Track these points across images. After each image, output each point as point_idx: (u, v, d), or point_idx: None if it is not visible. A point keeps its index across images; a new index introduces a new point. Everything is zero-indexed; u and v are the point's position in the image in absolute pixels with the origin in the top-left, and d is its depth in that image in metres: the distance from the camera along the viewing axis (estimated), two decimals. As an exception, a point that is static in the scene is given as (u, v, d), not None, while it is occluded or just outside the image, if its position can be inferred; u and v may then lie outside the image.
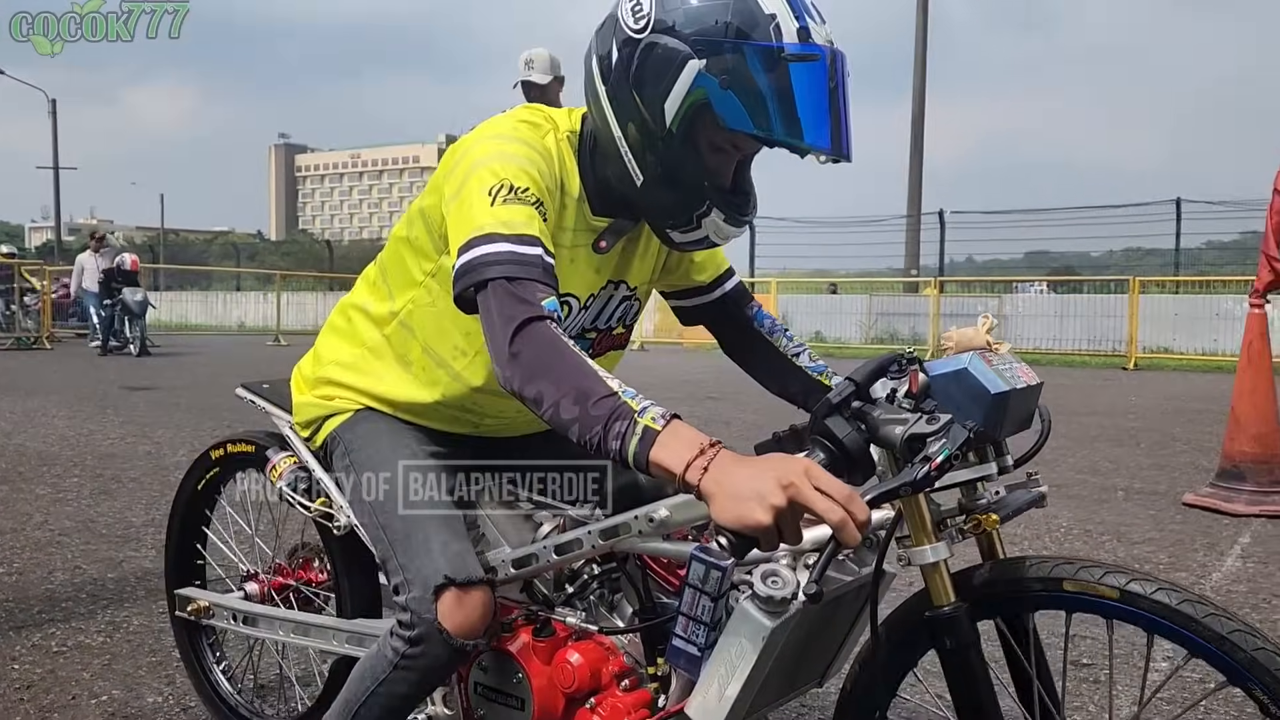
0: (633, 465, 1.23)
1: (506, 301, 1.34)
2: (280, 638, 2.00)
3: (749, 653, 1.24)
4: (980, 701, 1.24)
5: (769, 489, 1.11)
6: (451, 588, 1.47)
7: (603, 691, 1.50)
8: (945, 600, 1.26)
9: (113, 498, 4.74)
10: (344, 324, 1.78)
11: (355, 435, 1.71)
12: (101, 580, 3.44)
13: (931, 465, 1.15)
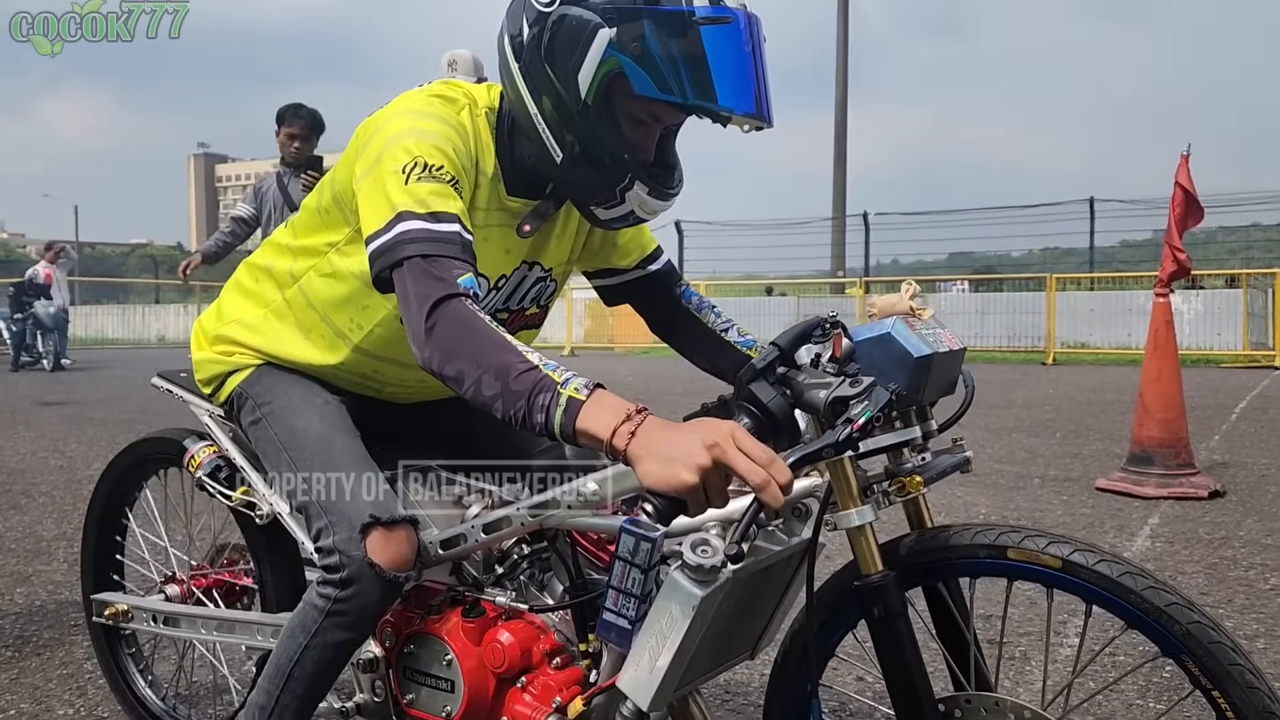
0: (559, 436, 1.23)
1: (422, 280, 1.32)
2: (203, 636, 1.93)
3: (679, 623, 1.23)
4: (909, 670, 1.24)
5: (694, 451, 1.11)
6: (378, 526, 1.46)
7: (534, 670, 1.48)
8: (873, 567, 1.26)
9: (22, 512, 4.57)
10: (250, 283, 1.74)
11: (262, 388, 1.68)
12: (9, 595, 3.31)
13: (854, 426, 1.16)
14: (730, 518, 1.30)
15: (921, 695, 1.23)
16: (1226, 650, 1.16)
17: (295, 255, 1.66)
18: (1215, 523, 4.18)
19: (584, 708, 1.40)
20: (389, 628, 1.59)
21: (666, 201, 1.54)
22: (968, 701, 1.28)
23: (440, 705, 1.51)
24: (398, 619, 1.59)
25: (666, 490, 1.12)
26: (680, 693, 1.38)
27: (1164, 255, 5.02)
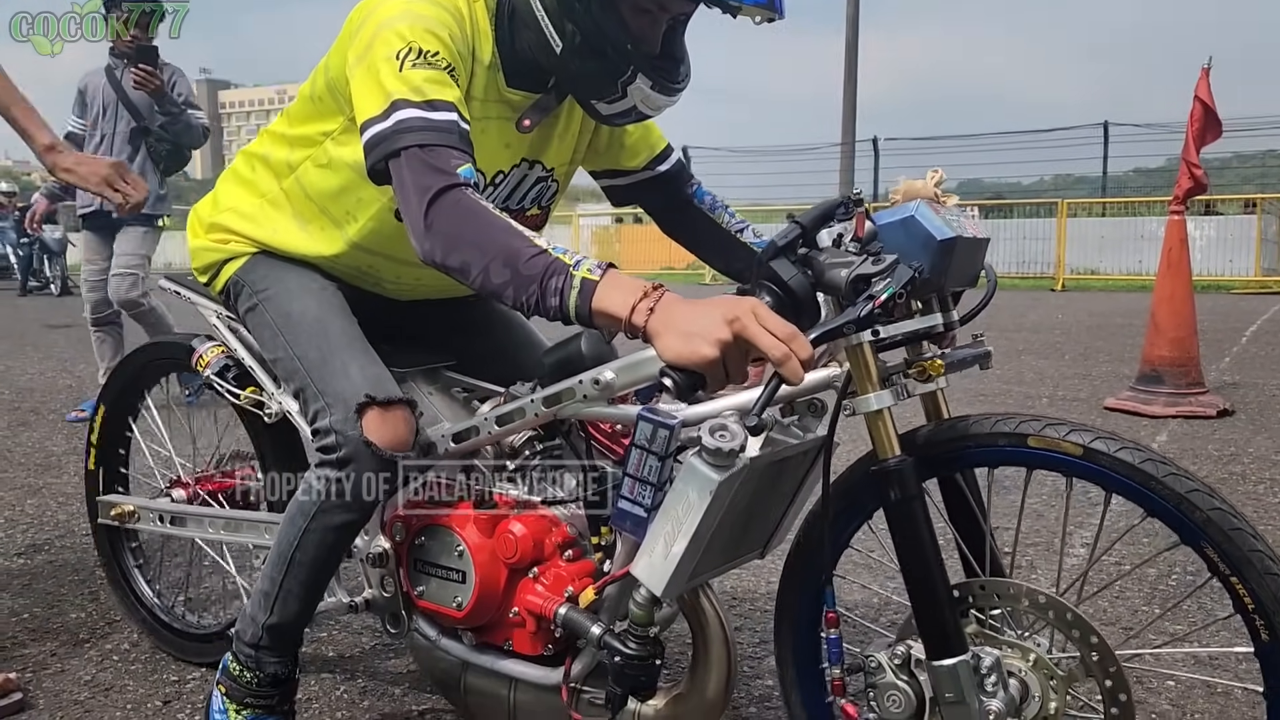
0: (574, 319, 1.21)
1: (420, 171, 1.29)
2: (210, 535, 1.94)
3: (696, 508, 1.22)
4: (925, 554, 1.23)
5: (715, 324, 1.11)
6: (374, 406, 1.46)
7: (546, 562, 1.48)
8: (890, 452, 1.24)
9: (31, 429, 4.59)
10: (247, 172, 1.71)
11: (258, 275, 1.66)
12: (20, 505, 3.33)
13: (875, 302, 1.14)
14: (747, 407, 1.28)
15: (936, 580, 1.22)
16: (1246, 536, 1.15)
17: (291, 145, 1.62)
18: (1224, 440, 4.17)
19: (596, 596, 1.41)
20: (399, 521, 1.59)
21: (671, 97, 1.48)
22: (982, 587, 1.27)
23: (451, 596, 1.51)
24: (408, 514, 1.58)
25: (686, 364, 1.12)
26: (692, 583, 1.38)
27: (1180, 172, 4.93)
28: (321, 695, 1.95)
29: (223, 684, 1.60)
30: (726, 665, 1.43)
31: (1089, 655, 1.20)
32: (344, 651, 2.16)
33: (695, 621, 1.45)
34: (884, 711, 1.27)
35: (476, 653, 1.56)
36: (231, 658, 1.59)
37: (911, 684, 1.26)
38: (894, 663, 1.27)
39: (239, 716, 1.57)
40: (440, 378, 1.74)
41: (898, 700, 1.26)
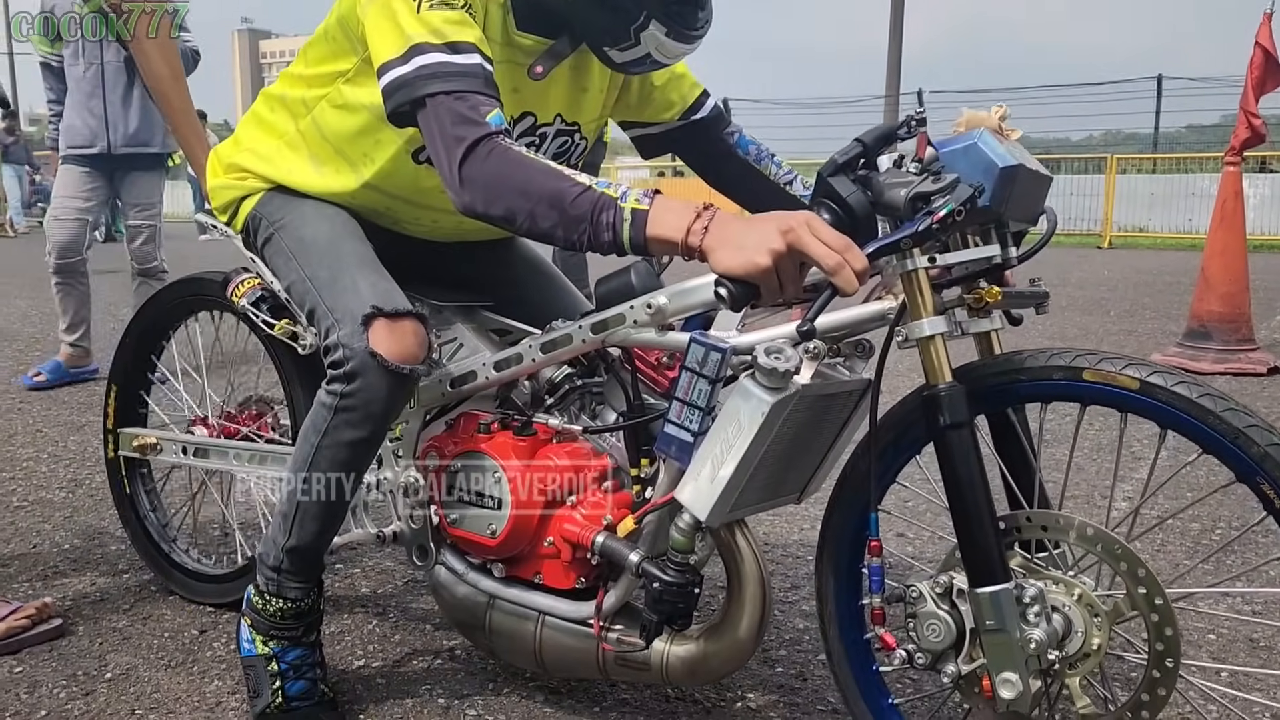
0: (630, 250, 1.22)
1: (449, 121, 1.27)
2: (233, 467, 1.94)
3: (746, 431, 1.22)
4: (972, 483, 1.19)
5: (769, 236, 1.11)
6: (380, 317, 1.44)
7: (584, 491, 1.46)
8: (941, 378, 1.21)
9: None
10: (266, 113, 1.68)
11: (274, 207, 1.64)
12: (63, 441, 3.38)
13: (934, 218, 1.12)
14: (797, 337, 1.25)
15: (982, 508, 1.19)
16: None
17: (308, 84, 1.59)
18: (1274, 398, 4.06)
19: (635, 526, 1.39)
20: (433, 450, 1.57)
21: (688, 44, 1.43)
22: (1029, 519, 1.24)
23: (485, 524, 1.49)
24: (443, 443, 1.57)
25: (741, 275, 1.12)
26: (732, 516, 1.35)
27: (1238, 122, 4.77)
28: (353, 629, 1.96)
29: (248, 615, 1.60)
30: (761, 604, 1.41)
31: (1135, 589, 1.17)
32: (375, 588, 2.17)
33: (730, 559, 1.43)
34: (923, 641, 1.25)
35: (505, 586, 1.55)
36: (254, 588, 1.59)
37: (952, 614, 1.23)
38: (935, 592, 1.25)
39: (265, 648, 1.57)
40: (477, 315, 1.72)
41: (937, 630, 1.23)
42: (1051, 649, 1.17)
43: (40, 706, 1.66)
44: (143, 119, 4.10)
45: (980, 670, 1.21)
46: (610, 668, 1.48)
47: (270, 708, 1.55)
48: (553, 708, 1.66)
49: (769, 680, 1.76)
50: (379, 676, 1.77)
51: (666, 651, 1.44)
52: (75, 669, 1.79)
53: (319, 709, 1.57)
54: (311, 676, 1.58)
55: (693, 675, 1.45)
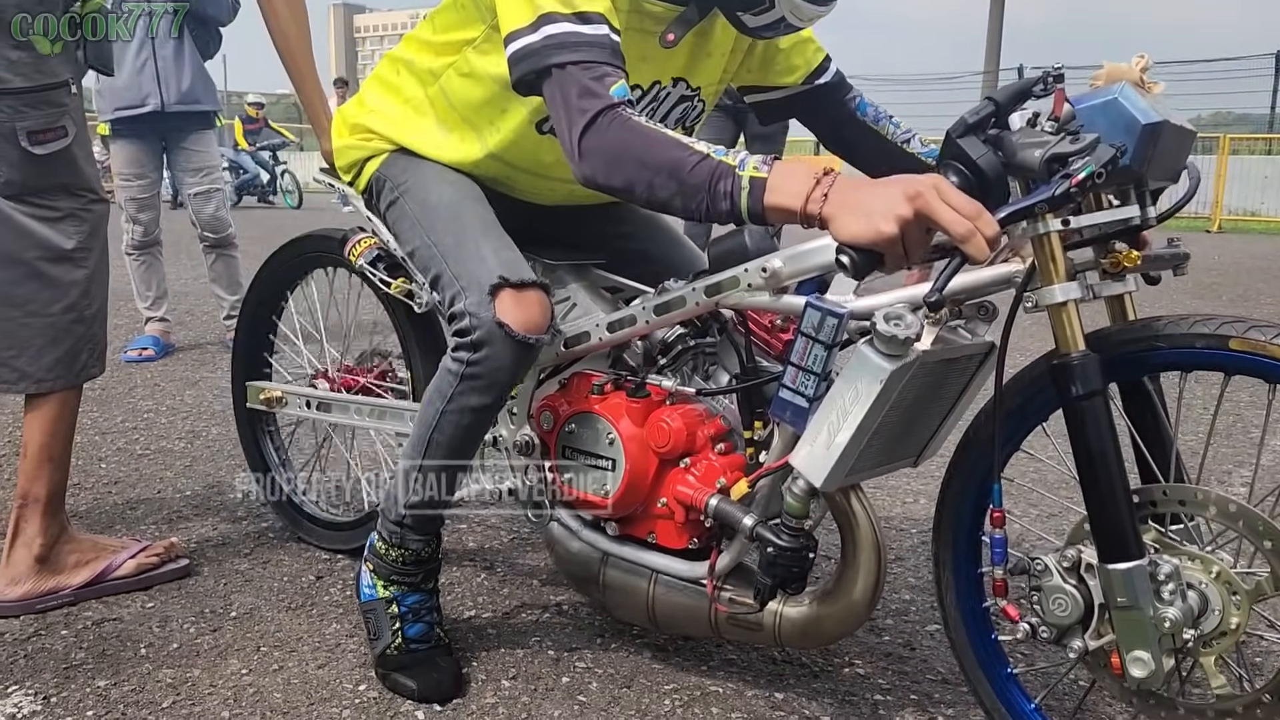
0: (748, 219, 1.21)
1: (574, 92, 1.27)
2: (354, 421, 1.99)
3: (864, 398, 1.20)
4: (1105, 455, 1.16)
5: (895, 201, 1.07)
6: (507, 287, 1.45)
7: (697, 453, 1.46)
8: (1073, 346, 1.18)
9: (186, 328, 4.80)
10: (392, 76, 1.70)
11: (398, 168, 1.66)
12: (180, 395, 3.52)
13: (1072, 181, 1.07)
14: (919, 301, 1.23)
15: (1115, 481, 1.15)
16: None
17: (435, 51, 1.60)
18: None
19: (749, 489, 1.39)
20: (547, 409, 1.60)
21: (824, 6, 1.41)
22: (1164, 493, 1.20)
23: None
24: (557, 402, 1.59)
25: (864, 243, 1.09)
26: (848, 481, 1.35)
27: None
28: (462, 581, 2.01)
29: (370, 561, 1.65)
30: (876, 568, 1.39)
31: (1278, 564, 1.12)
32: (482, 543, 2.22)
33: (845, 523, 1.42)
34: (1048, 615, 1.22)
35: (618, 544, 1.57)
36: (377, 536, 1.64)
37: (1080, 589, 1.20)
38: (1062, 565, 1.22)
39: (386, 591, 1.62)
40: (589, 274, 1.73)
41: (1064, 604, 1.21)
42: (1187, 627, 1.14)
43: (172, 640, 1.75)
44: (194, 74, 3.96)
45: (1109, 646, 1.18)
46: (722, 627, 1.49)
47: (390, 648, 1.60)
48: (660, 664, 1.68)
49: (876, 648, 1.76)
50: (489, 627, 1.81)
51: (779, 613, 1.44)
52: (202, 606, 1.88)
53: (436, 652, 1.61)
54: (430, 620, 1.63)
55: (805, 637, 1.45)
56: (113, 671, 1.63)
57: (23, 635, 1.74)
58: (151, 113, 3.89)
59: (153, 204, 4.10)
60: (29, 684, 1.58)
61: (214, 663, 1.66)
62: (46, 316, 1.78)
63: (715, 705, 1.56)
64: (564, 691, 1.60)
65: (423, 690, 1.54)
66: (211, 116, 4.13)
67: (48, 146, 1.74)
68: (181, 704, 1.54)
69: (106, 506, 2.40)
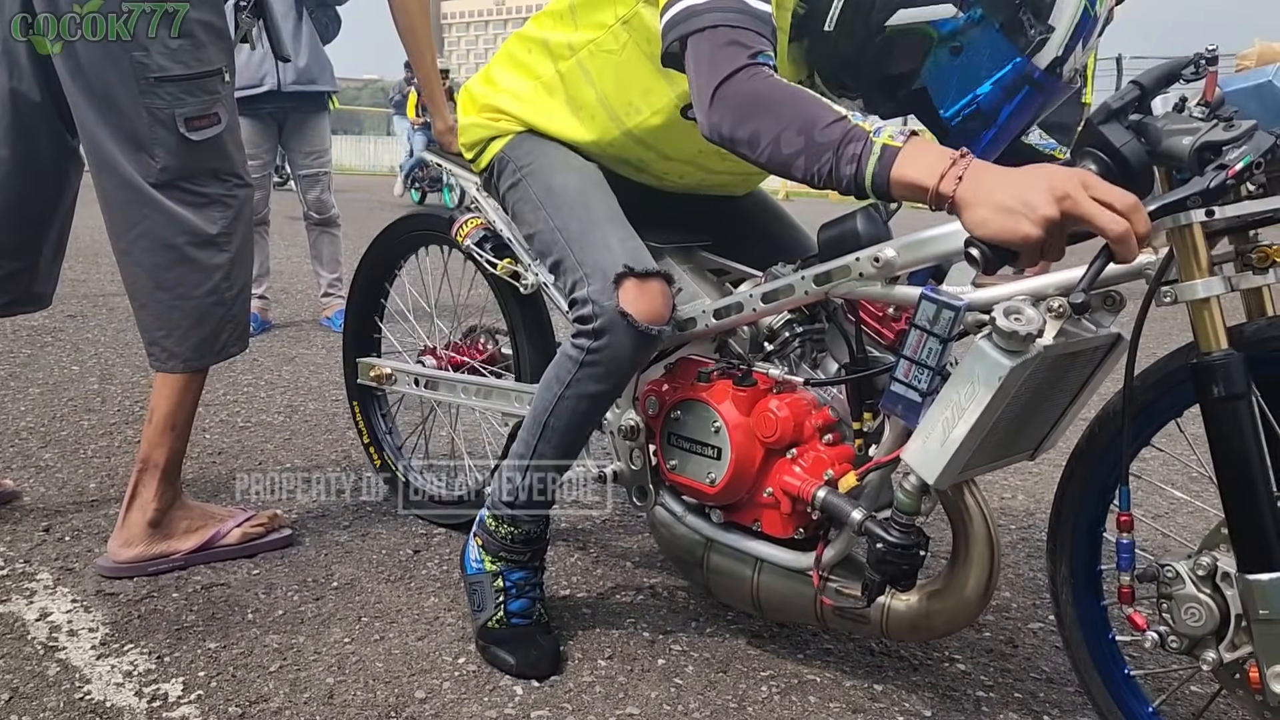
0: (871, 189, 1.15)
1: (721, 48, 1.25)
2: (462, 400, 2.01)
3: (981, 395, 1.15)
4: (1248, 460, 1.10)
5: (1040, 199, 1.01)
6: (631, 276, 1.44)
7: (804, 444, 1.44)
8: (1215, 345, 1.12)
9: (282, 306, 4.90)
10: (523, 54, 1.69)
11: (523, 151, 1.65)
12: (278, 370, 3.61)
13: (1229, 172, 1.01)
14: (1041, 293, 1.19)
15: (1258, 487, 1.10)
16: None
17: (577, 25, 1.57)
18: None
19: (857, 483, 1.37)
20: (653, 395, 1.59)
21: None
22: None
23: (705, 472, 1.50)
24: (663, 387, 1.58)
25: (1003, 242, 1.03)
26: (962, 477, 1.31)
27: None
28: (558, 560, 2.02)
29: (479, 536, 1.67)
30: (989, 566, 1.36)
31: None
32: (579, 523, 2.23)
33: (958, 518, 1.39)
34: (1179, 625, 1.17)
35: (723, 531, 1.56)
36: (488, 512, 1.65)
37: (1215, 598, 1.15)
38: (1196, 574, 1.16)
39: (494, 566, 1.64)
40: (695, 256, 1.72)
41: (1197, 614, 1.16)
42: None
43: (277, 606, 1.79)
44: (312, 54, 4.00)
45: (1244, 659, 1.13)
46: (828, 617, 1.48)
47: (493, 620, 1.61)
48: (756, 650, 1.68)
49: (977, 644, 1.73)
50: (584, 607, 1.83)
51: (888, 606, 1.42)
52: (305, 575, 1.92)
53: (535, 629, 1.63)
54: (533, 596, 1.64)
55: (914, 631, 1.43)
56: (222, 634, 1.68)
57: (136, 596, 1.80)
58: (268, 92, 3.94)
59: (263, 184, 4.15)
60: (144, 643, 1.64)
61: (318, 630, 1.70)
62: (192, 299, 1.85)
63: (813, 694, 1.55)
64: (660, 673, 1.60)
65: (520, 666, 1.56)
66: (326, 99, 4.17)
67: (203, 133, 1.79)
68: (288, 669, 1.58)
69: (211, 476, 2.47)
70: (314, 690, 1.51)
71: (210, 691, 1.50)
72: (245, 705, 1.47)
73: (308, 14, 4.00)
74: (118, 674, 1.54)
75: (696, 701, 1.52)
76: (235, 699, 1.48)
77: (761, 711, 1.50)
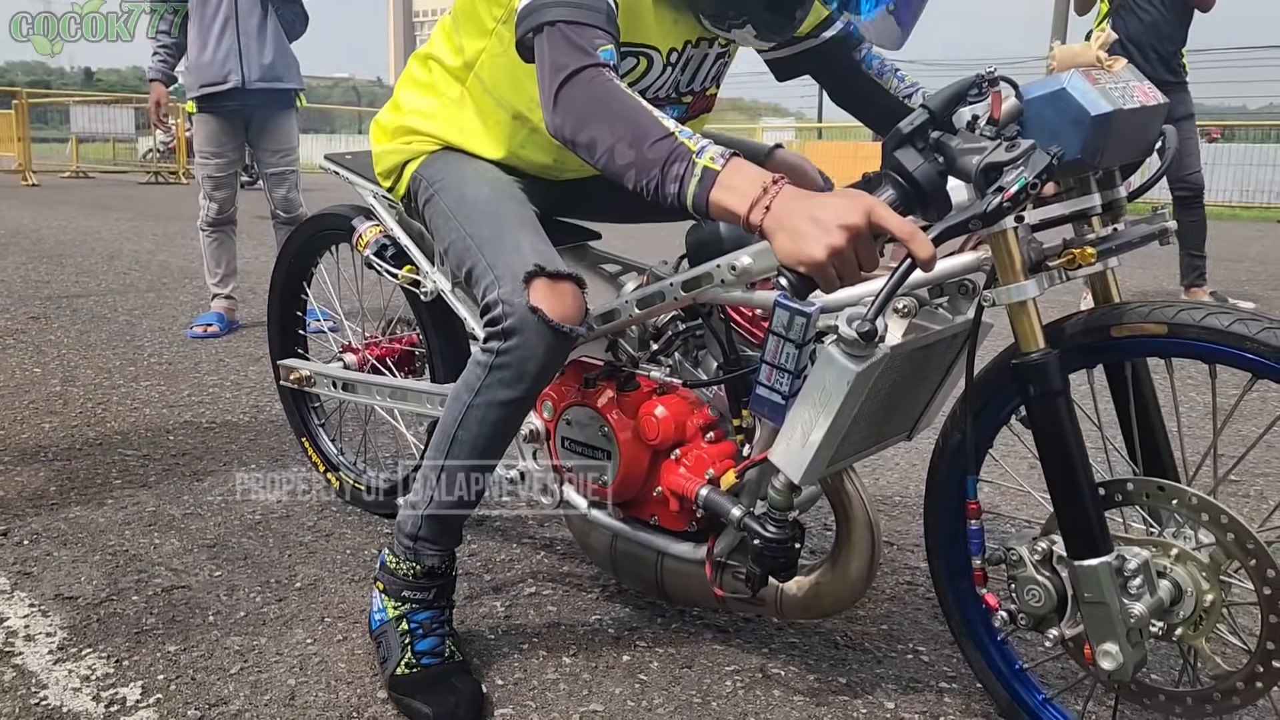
0: (692, 210, 1.19)
1: (560, 48, 1.28)
2: (377, 402, 2.04)
3: (833, 398, 1.21)
4: (1068, 453, 1.17)
5: (826, 228, 1.07)
6: (542, 276, 1.41)
7: (688, 443, 1.50)
8: (1033, 345, 1.18)
9: (249, 306, 4.85)
10: (424, 75, 1.70)
11: (435, 168, 1.66)
12: (244, 371, 3.64)
13: (1004, 195, 1.06)
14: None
15: (1079, 479, 1.16)
16: None
17: (463, 41, 1.60)
18: None
19: (736, 480, 1.43)
20: (548, 399, 1.64)
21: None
22: (1129, 486, 1.20)
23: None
24: (555, 392, 1.64)
25: (797, 266, 1.09)
26: (834, 468, 1.38)
27: None
28: (522, 559, 2.05)
29: (380, 580, 1.60)
30: (870, 548, 1.43)
31: (1224, 538, 1.14)
32: (544, 522, 2.24)
33: (838, 503, 1.45)
34: (1024, 605, 1.25)
35: (624, 524, 1.62)
36: (388, 551, 1.60)
37: (1053, 579, 1.22)
38: (1035, 558, 1.23)
39: (396, 611, 1.56)
40: (587, 254, 1.76)
41: (1037, 595, 1.23)
42: (1155, 619, 1.15)
43: (239, 608, 1.82)
44: (277, 51, 3.99)
45: (1084, 636, 1.20)
46: (728, 602, 1.55)
47: (401, 665, 1.52)
48: (721, 645, 1.71)
49: (940, 636, 1.75)
50: (549, 605, 1.86)
51: (780, 590, 1.50)
52: (268, 577, 1.95)
53: (450, 669, 1.53)
54: (441, 634, 1.56)
55: (806, 611, 1.51)
56: (182, 637, 1.68)
57: (95, 600, 1.82)
58: (232, 89, 3.94)
59: (229, 183, 4.17)
60: (102, 647, 1.65)
61: (280, 632, 1.72)
62: None
63: (777, 688, 1.58)
64: (624, 669, 1.62)
65: (438, 714, 1.44)
66: (293, 96, 4.15)
67: None
68: (249, 670, 1.60)
69: (174, 478, 2.50)
70: (275, 692, 1.53)
71: (169, 695, 1.51)
72: (205, 708, 1.47)
73: (273, 10, 3.99)
74: (75, 678, 1.56)
75: (661, 697, 1.54)
76: (195, 702, 1.49)
77: (726, 706, 1.52)
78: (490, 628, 1.76)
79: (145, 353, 3.91)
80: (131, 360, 3.77)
